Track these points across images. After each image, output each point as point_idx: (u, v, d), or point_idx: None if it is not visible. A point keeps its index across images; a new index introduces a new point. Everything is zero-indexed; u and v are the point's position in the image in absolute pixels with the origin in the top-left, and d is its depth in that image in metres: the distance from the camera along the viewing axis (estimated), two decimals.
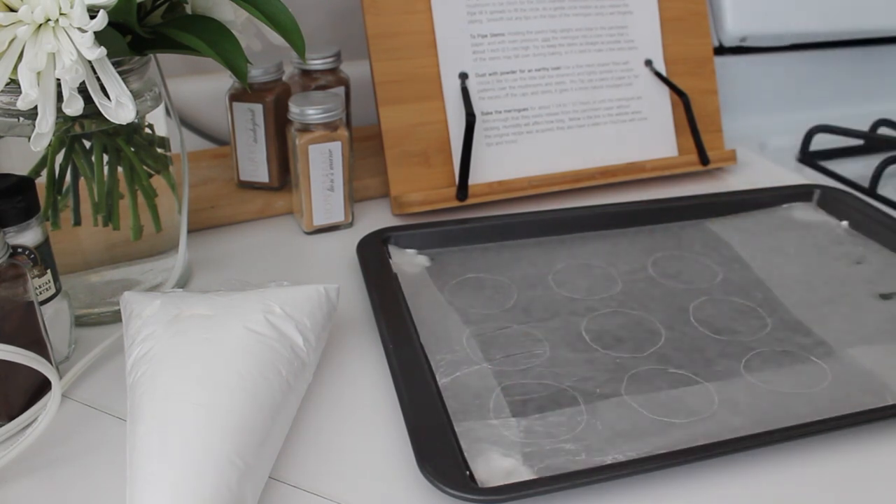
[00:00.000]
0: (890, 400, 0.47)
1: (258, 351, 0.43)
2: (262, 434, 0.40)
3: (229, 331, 0.44)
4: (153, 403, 0.40)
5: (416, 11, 0.69)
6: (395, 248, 0.62)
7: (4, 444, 0.44)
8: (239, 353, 0.43)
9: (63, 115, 0.44)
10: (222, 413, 0.39)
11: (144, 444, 0.38)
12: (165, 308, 0.46)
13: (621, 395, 0.47)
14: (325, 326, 0.49)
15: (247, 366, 0.42)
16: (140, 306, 0.47)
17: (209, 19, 0.49)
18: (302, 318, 0.47)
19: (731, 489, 0.42)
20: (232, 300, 0.47)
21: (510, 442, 0.43)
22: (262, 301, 0.47)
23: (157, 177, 0.54)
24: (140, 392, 0.41)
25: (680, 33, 0.78)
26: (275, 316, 0.46)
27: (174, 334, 0.44)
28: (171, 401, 0.40)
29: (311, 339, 0.47)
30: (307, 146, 0.62)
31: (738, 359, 0.51)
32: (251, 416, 0.40)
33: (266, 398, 0.41)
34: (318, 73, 0.71)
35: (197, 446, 0.38)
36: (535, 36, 0.73)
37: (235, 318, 0.45)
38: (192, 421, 0.39)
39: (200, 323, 0.44)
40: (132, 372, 0.43)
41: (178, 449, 0.37)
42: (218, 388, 0.40)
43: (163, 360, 0.42)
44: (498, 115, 0.71)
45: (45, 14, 0.41)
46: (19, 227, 0.46)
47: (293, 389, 0.44)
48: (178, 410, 0.39)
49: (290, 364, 0.44)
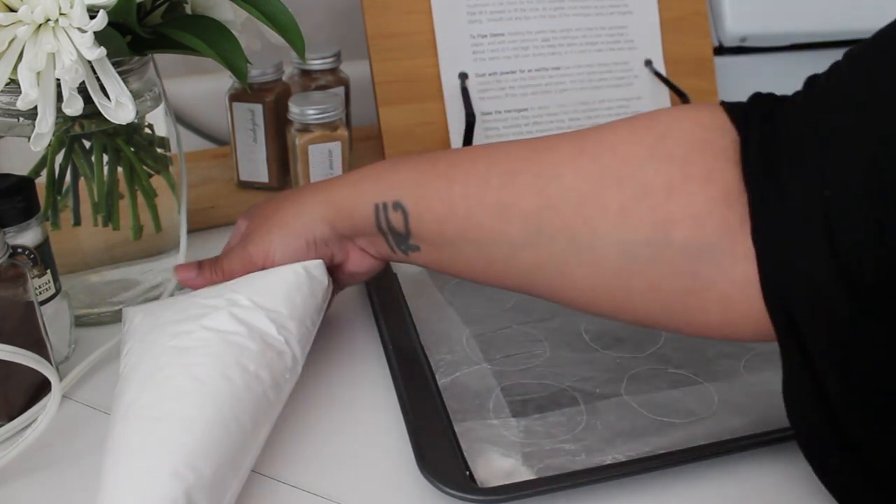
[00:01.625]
0: None
1: (219, 351, 0.41)
2: (221, 438, 0.38)
3: (190, 333, 0.42)
4: (114, 424, 0.39)
5: (416, 11, 0.69)
6: None
7: (4, 444, 0.44)
8: (198, 356, 0.41)
9: (63, 115, 0.44)
10: (171, 424, 0.38)
11: (102, 467, 0.37)
12: (145, 320, 0.45)
13: (621, 395, 0.47)
14: (311, 307, 0.47)
15: (205, 368, 0.40)
16: (128, 322, 0.46)
17: (209, 19, 0.49)
18: (275, 305, 0.45)
19: (731, 489, 0.42)
20: (203, 299, 0.45)
21: (510, 442, 0.43)
22: (228, 295, 0.45)
23: (157, 177, 0.54)
24: (112, 412, 0.40)
25: (680, 33, 0.78)
26: (241, 309, 0.44)
27: (146, 347, 0.43)
28: (126, 419, 0.39)
29: (288, 326, 0.44)
30: (307, 146, 0.62)
31: (738, 359, 0.51)
32: (205, 421, 0.38)
33: (227, 399, 0.40)
34: (317, 73, 0.71)
35: (138, 466, 0.36)
36: (535, 36, 0.73)
37: (197, 320, 0.43)
38: (138, 439, 0.37)
39: (169, 329, 0.43)
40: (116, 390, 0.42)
41: (123, 471, 0.36)
42: (171, 398, 0.39)
43: (130, 378, 0.41)
44: (498, 115, 0.71)
45: (45, 14, 0.41)
46: (19, 227, 0.46)
47: (266, 382, 0.42)
48: (127, 429, 0.38)
49: (261, 356, 0.42)
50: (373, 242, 0.48)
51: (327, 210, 0.48)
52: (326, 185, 0.49)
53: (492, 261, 0.43)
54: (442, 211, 0.44)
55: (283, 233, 0.48)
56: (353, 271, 0.51)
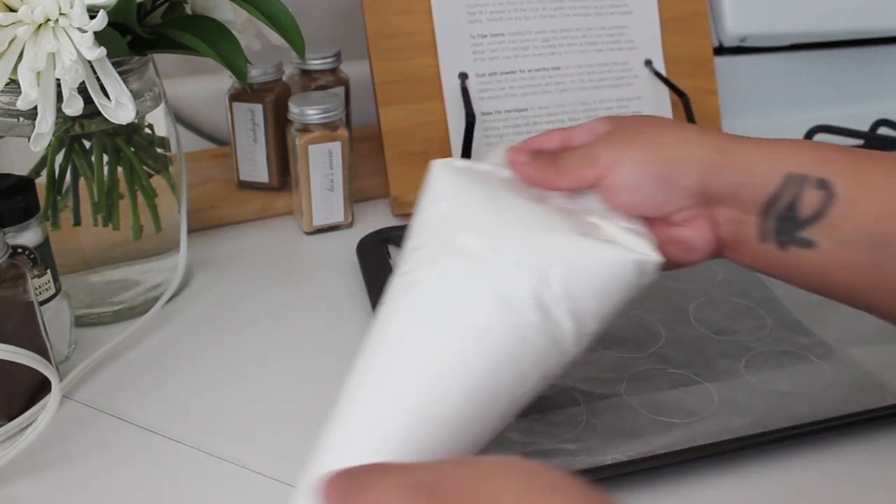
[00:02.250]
0: (890, 400, 0.47)
1: (503, 336, 0.35)
2: (451, 439, 0.34)
3: (481, 298, 0.35)
4: (370, 352, 0.36)
5: (416, 11, 0.69)
6: (395, 248, 0.62)
7: (4, 444, 0.44)
8: (477, 334, 0.35)
9: (63, 115, 0.44)
10: (417, 401, 0.33)
11: (343, 399, 0.35)
12: (445, 221, 0.39)
13: (621, 395, 0.47)
14: (618, 307, 0.38)
15: (479, 359, 0.34)
16: (429, 196, 0.40)
17: (209, 19, 0.49)
18: (585, 299, 0.36)
19: (731, 489, 0.42)
20: (513, 243, 0.37)
21: (510, 442, 0.43)
22: (542, 265, 0.36)
23: (157, 177, 0.54)
24: (377, 322, 0.37)
25: (680, 33, 0.78)
26: (549, 292, 0.35)
27: (435, 276, 0.37)
28: (383, 348, 0.35)
29: (588, 327, 0.37)
30: (307, 146, 0.62)
31: (738, 359, 0.51)
32: (450, 418, 0.33)
33: (483, 400, 0.34)
34: (317, 73, 0.71)
35: (366, 411, 0.33)
36: (535, 36, 0.72)
37: (496, 280, 0.36)
38: (375, 385, 0.34)
39: (462, 269, 0.36)
40: (396, 275, 0.38)
41: (364, 432, 0.33)
42: (430, 370, 0.34)
43: (410, 288, 0.37)
44: (498, 115, 0.71)
45: (45, 14, 0.41)
46: (19, 227, 0.46)
47: (529, 382, 0.36)
48: (378, 360, 0.35)
49: (541, 356, 0.35)
50: (737, 220, 0.40)
51: (713, 156, 0.39)
52: (723, 134, 0.41)
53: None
54: (892, 205, 0.37)
55: (646, 151, 0.40)
56: (678, 242, 0.41)
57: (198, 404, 0.48)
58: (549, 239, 0.38)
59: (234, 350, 0.53)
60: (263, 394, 0.49)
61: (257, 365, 0.51)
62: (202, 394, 0.49)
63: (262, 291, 0.59)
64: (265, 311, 0.57)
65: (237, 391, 0.49)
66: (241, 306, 0.57)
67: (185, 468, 0.43)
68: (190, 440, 0.45)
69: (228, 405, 0.48)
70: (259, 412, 0.48)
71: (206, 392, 0.49)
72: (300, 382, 0.50)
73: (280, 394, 0.49)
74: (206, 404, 0.48)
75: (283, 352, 0.53)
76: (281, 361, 0.52)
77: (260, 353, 0.53)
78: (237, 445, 0.44)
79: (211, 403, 0.48)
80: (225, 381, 0.50)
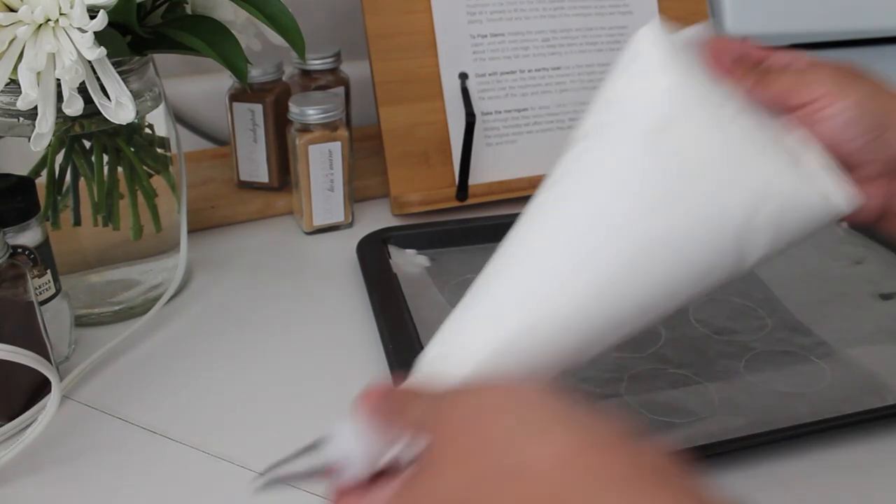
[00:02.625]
0: (890, 400, 0.47)
1: (692, 249, 0.34)
2: (560, 352, 0.35)
3: (691, 213, 0.34)
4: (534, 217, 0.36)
5: (416, 11, 0.69)
6: (395, 248, 0.62)
7: (4, 444, 0.44)
8: (671, 239, 0.33)
9: (63, 115, 0.44)
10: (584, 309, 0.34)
11: (493, 277, 0.37)
12: (675, 94, 0.36)
13: (621, 395, 0.47)
14: (799, 241, 0.36)
15: (661, 252, 0.33)
16: (642, 65, 0.38)
17: (209, 19, 0.49)
18: (785, 234, 0.35)
19: (730, 489, 0.42)
20: (732, 161, 0.35)
21: None
22: (756, 199, 0.34)
23: (157, 177, 0.54)
24: (547, 191, 0.36)
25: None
26: (753, 223, 0.34)
27: (642, 158, 0.34)
28: (519, 252, 0.37)
29: (767, 256, 0.35)
30: (307, 146, 0.62)
31: (738, 359, 0.51)
32: (576, 333, 0.34)
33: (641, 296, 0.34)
34: (318, 73, 0.71)
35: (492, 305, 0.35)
36: (535, 36, 0.72)
37: (705, 196, 0.34)
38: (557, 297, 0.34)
39: (678, 166, 0.34)
40: (578, 139, 0.36)
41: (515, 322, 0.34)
42: (597, 283, 0.34)
43: (590, 186, 0.35)
44: (498, 115, 0.71)
45: (45, 14, 0.41)
46: (19, 227, 0.46)
47: (679, 298, 0.35)
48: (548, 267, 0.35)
49: (720, 269, 0.35)
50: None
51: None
52: None
53: None
54: None
55: (872, 93, 0.39)
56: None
57: (198, 404, 0.48)
58: (768, 169, 0.35)
59: (234, 350, 0.53)
60: (263, 394, 0.49)
61: (257, 365, 0.51)
62: (202, 394, 0.49)
63: (262, 291, 0.59)
64: (265, 311, 0.57)
65: (237, 391, 0.49)
66: (241, 306, 0.57)
67: (185, 468, 0.43)
68: (190, 440, 0.45)
69: (228, 405, 0.48)
70: (259, 412, 0.48)
71: (206, 392, 0.49)
72: (300, 382, 0.50)
73: (280, 393, 0.49)
74: (206, 404, 0.48)
75: (283, 351, 0.53)
76: (281, 361, 0.52)
77: (260, 352, 0.53)
78: (237, 445, 0.44)
79: (211, 403, 0.48)
80: (225, 381, 0.50)
